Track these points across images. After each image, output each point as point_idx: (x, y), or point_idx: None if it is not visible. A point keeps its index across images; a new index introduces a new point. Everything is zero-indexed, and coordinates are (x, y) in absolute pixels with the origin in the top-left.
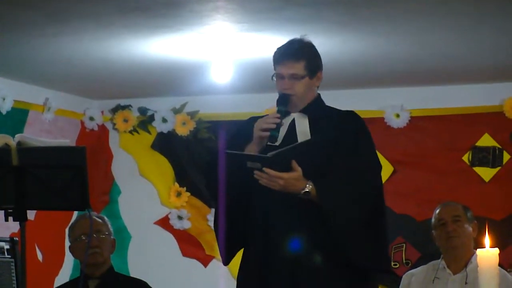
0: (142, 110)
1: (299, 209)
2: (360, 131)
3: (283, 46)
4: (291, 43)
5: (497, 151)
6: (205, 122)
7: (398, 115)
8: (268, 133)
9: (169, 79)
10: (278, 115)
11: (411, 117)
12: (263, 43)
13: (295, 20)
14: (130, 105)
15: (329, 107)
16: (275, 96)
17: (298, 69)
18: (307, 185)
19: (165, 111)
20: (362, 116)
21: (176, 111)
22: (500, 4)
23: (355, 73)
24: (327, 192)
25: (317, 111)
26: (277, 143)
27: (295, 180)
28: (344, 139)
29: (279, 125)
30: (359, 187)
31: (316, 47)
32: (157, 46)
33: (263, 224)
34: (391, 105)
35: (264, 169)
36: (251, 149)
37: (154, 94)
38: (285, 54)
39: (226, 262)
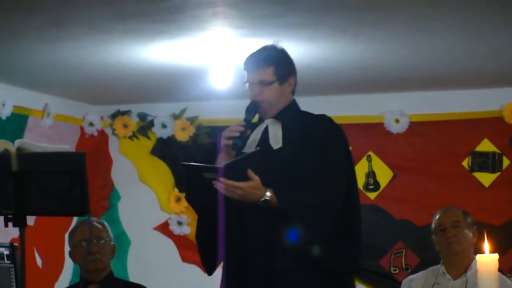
0: (142, 116)
1: (268, 216)
2: (328, 136)
3: (252, 53)
4: (260, 50)
5: (496, 156)
6: (204, 128)
7: (397, 120)
8: (231, 141)
9: (168, 85)
10: (243, 123)
11: (410, 122)
12: None
13: (295, 26)
14: (129, 111)
15: (304, 112)
16: None
17: (266, 75)
18: (266, 193)
19: (165, 116)
20: (361, 121)
21: (176, 117)
22: (499, 9)
23: (354, 78)
24: (286, 199)
25: (290, 117)
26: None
27: (252, 189)
28: (312, 144)
29: (243, 134)
30: (322, 191)
31: (316, 53)
32: (157, 52)
33: (237, 231)
34: (391, 111)
35: (220, 179)
36: (222, 158)
37: (154, 100)
38: (253, 61)
39: (208, 272)
